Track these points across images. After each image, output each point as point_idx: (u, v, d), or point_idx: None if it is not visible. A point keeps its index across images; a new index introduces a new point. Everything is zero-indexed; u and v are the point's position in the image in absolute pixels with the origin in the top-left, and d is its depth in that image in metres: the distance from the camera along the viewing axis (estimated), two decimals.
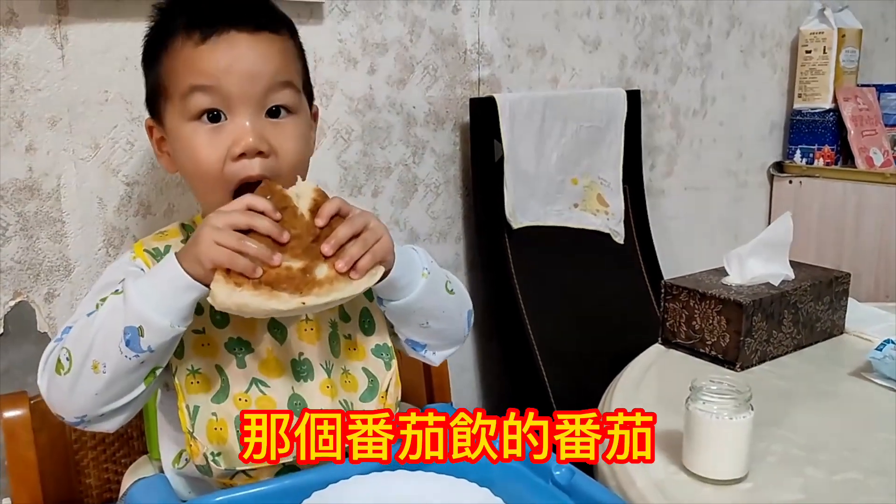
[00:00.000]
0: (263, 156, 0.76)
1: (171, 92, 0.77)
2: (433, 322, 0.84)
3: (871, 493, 0.78)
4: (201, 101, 0.75)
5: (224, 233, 0.67)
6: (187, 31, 0.75)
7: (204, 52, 0.74)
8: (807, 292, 1.16)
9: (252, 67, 0.75)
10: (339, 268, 0.70)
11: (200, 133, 0.76)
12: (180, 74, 0.75)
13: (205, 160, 0.76)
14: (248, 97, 0.75)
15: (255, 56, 0.76)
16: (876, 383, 1.04)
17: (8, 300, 0.99)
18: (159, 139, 0.82)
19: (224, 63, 0.74)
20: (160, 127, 0.81)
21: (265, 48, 0.77)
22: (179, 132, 0.77)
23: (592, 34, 1.53)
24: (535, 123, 1.39)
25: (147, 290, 0.68)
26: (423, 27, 1.30)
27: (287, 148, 0.78)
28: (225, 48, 0.75)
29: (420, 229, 1.36)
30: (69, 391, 0.70)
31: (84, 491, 0.94)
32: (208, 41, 0.74)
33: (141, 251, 0.79)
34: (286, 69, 0.78)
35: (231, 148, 0.75)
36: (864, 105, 1.87)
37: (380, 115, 1.28)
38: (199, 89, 0.74)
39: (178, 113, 0.76)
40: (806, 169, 1.89)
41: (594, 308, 1.45)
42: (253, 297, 0.66)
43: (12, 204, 0.97)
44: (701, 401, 0.79)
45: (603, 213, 1.50)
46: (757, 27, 1.84)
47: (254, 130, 0.75)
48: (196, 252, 0.67)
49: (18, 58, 0.95)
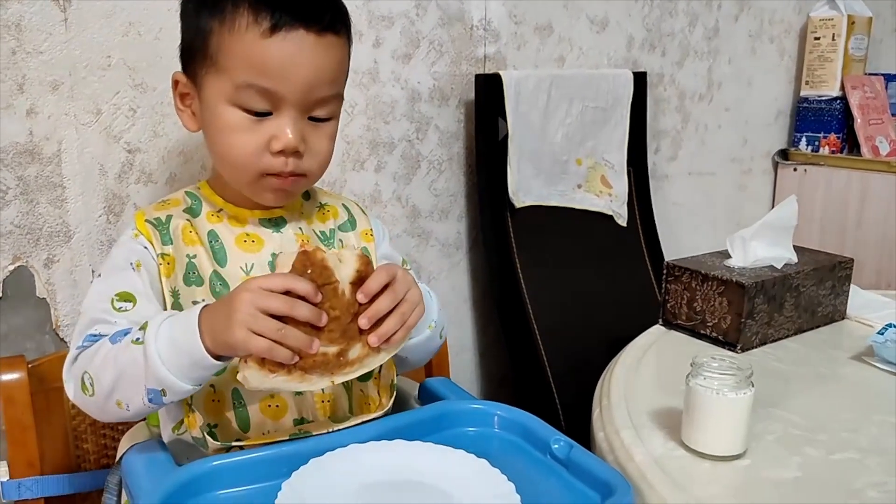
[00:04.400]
0: (299, 155, 0.77)
1: (220, 69, 0.75)
2: (411, 356, 0.85)
3: (868, 473, 0.77)
4: (254, 101, 0.74)
5: (262, 321, 0.65)
6: (253, 14, 0.73)
7: (270, 49, 0.73)
8: (809, 276, 1.16)
9: (311, 78, 0.75)
10: (371, 343, 0.70)
11: (242, 121, 0.75)
12: (238, 60, 0.74)
13: (241, 148, 0.76)
14: (300, 103, 0.75)
15: (316, 65, 0.75)
16: (877, 367, 1.03)
17: (7, 264, 0.98)
18: (184, 94, 0.81)
19: (287, 68, 0.74)
20: (191, 85, 0.79)
21: (326, 57, 0.76)
22: (218, 109, 0.76)
23: (600, 14, 1.52)
24: (541, 102, 1.38)
25: (170, 358, 0.67)
26: (430, 2, 1.29)
27: (321, 149, 0.79)
28: (291, 49, 0.73)
29: (422, 206, 1.36)
30: (98, 412, 0.73)
31: (81, 456, 0.94)
32: (276, 35, 0.73)
33: (142, 223, 0.79)
34: (339, 80, 0.79)
35: (271, 143, 0.75)
36: (871, 93, 1.85)
37: (384, 90, 1.27)
38: (256, 89, 0.74)
39: (223, 94, 0.75)
40: (811, 157, 1.88)
41: (595, 289, 1.45)
42: (286, 382, 0.67)
43: (12, 167, 0.97)
44: (702, 377, 0.78)
45: (606, 194, 1.50)
46: (766, 13, 1.83)
47: (296, 132, 0.75)
48: (230, 339, 0.65)
49: (20, 19, 0.94)
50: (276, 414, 0.81)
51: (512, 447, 0.82)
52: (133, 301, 0.75)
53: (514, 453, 0.80)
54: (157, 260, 0.77)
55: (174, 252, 0.78)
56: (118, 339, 0.70)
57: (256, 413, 0.79)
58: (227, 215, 0.82)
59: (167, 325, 0.68)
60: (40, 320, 1.01)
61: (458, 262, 1.42)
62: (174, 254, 0.78)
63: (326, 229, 0.88)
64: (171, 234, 0.79)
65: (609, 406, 0.92)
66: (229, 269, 0.80)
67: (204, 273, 0.79)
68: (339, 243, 0.88)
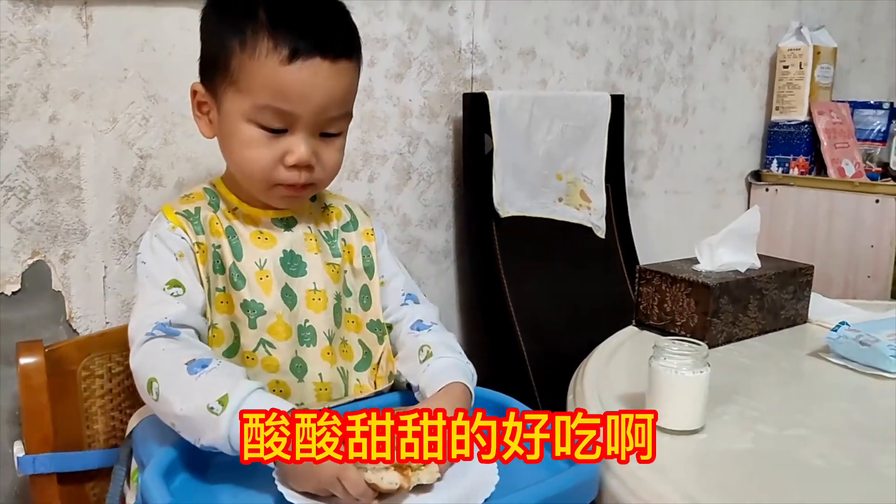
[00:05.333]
0: (311, 169, 0.84)
1: (239, 88, 0.82)
2: None
3: (814, 446, 0.85)
4: (272, 121, 0.82)
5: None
6: (273, 41, 0.79)
7: (289, 77, 0.79)
8: (771, 280, 1.25)
9: (325, 101, 0.82)
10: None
11: (259, 137, 0.83)
12: (258, 85, 0.80)
13: (256, 161, 0.83)
14: (313, 123, 0.83)
15: (330, 90, 0.82)
16: (832, 362, 1.11)
17: (27, 258, 1.06)
18: (201, 103, 0.88)
19: (304, 94, 0.80)
20: (210, 97, 0.86)
21: (340, 82, 0.83)
22: (237, 124, 0.83)
23: (580, 40, 1.63)
24: (524, 120, 1.48)
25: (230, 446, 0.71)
26: (421, 26, 1.39)
27: (331, 162, 0.87)
28: (308, 78, 0.80)
29: (412, 215, 1.44)
30: (153, 409, 0.77)
31: (92, 436, 1.01)
32: (294, 63, 0.79)
33: (173, 215, 0.85)
34: (349, 101, 0.87)
35: (285, 157, 0.83)
36: (837, 119, 1.97)
37: (378, 106, 1.36)
38: (274, 110, 0.81)
39: (242, 109, 0.82)
40: (782, 177, 1.98)
41: (575, 296, 1.53)
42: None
43: (35, 169, 1.05)
44: (663, 357, 0.87)
45: (586, 208, 1.59)
46: (738, 42, 1.94)
47: (309, 148, 0.83)
48: (296, 484, 0.70)
49: (46, 34, 1.03)
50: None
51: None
52: (182, 287, 0.82)
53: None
54: (194, 248, 0.84)
55: (206, 241, 0.85)
56: (196, 371, 0.73)
57: None
58: (241, 213, 0.90)
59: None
60: (55, 312, 1.09)
61: (445, 269, 1.51)
62: (206, 242, 0.85)
63: (331, 230, 0.96)
64: (202, 224, 0.86)
65: (582, 391, 1.00)
66: (245, 263, 0.87)
67: (226, 263, 0.87)
68: (342, 242, 0.96)
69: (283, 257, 0.89)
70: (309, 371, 0.89)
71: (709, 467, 0.83)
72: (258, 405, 0.70)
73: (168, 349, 0.77)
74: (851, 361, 1.09)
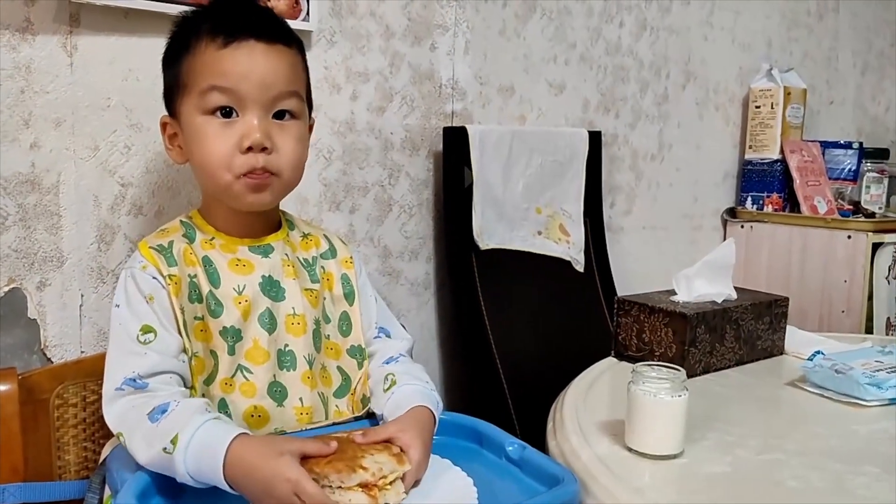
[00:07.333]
0: (267, 151, 0.86)
1: (189, 88, 0.86)
2: None
3: (790, 469, 0.86)
4: (218, 99, 0.85)
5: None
6: (211, 36, 0.85)
7: (225, 56, 0.85)
8: (747, 311, 1.26)
9: (266, 75, 0.86)
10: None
11: (213, 126, 0.86)
12: (200, 73, 0.85)
13: (215, 150, 0.85)
14: (260, 100, 0.86)
15: (269, 65, 0.86)
16: (808, 391, 1.13)
17: (2, 285, 1.05)
18: (171, 135, 0.91)
19: (242, 68, 0.85)
20: (175, 122, 0.90)
21: (278, 59, 0.87)
22: (193, 123, 0.86)
23: (558, 78, 1.67)
24: (503, 154, 1.50)
25: (195, 477, 0.74)
26: (403, 61, 1.42)
27: (288, 147, 0.88)
28: (244, 55, 0.85)
29: (393, 247, 1.45)
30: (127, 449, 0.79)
31: (63, 467, 0.99)
32: (230, 46, 0.85)
33: (147, 250, 0.86)
34: (294, 80, 0.89)
35: (240, 141, 0.85)
36: (808, 157, 2.02)
37: (359, 139, 1.38)
38: (218, 89, 0.85)
39: (195, 106, 0.86)
40: (756, 214, 2.02)
41: (554, 328, 1.54)
42: None
43: (14, 195, 1.05)
44: (641, 382, 0.87)
45: (564, 241, 1.60)
46: (711, 83, 2.00)
47: (261, 128, 0.85)
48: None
49: (31, 62, 1.04)
50: (259, 423, 0.87)
51: (469, 452, 0.89)
52: (154, 332, 0.83)
53: (473, 459, 0.87)
54: (166, 282, 0.84)
55: (179, 272, 0.86)
56: (157, 418, 0.76)
57: (240, 422, 0.86)
58: (218, 243, 0.91)
59: (193, 455, 0.73)
60: (30, 340, 1.07)
61: (426, 301, 1.51)
62: (179, 273, 0.86)
63: (310, 257, 0.97)
64: (175, 256, 0.87)
65: (562, 420, 1.00)
66: (222, 290, 0.88)
67: (202, 292, 0.87)
68: (321, 269, 0.97)
69: (263, 282, 0.90)
70: (289, 395, 0.89)
71: (687, 490, 0.83)
72: (206, 437, 0.74)
73: (136, 405, 0.78)
74: (827, 390, 1.10)
